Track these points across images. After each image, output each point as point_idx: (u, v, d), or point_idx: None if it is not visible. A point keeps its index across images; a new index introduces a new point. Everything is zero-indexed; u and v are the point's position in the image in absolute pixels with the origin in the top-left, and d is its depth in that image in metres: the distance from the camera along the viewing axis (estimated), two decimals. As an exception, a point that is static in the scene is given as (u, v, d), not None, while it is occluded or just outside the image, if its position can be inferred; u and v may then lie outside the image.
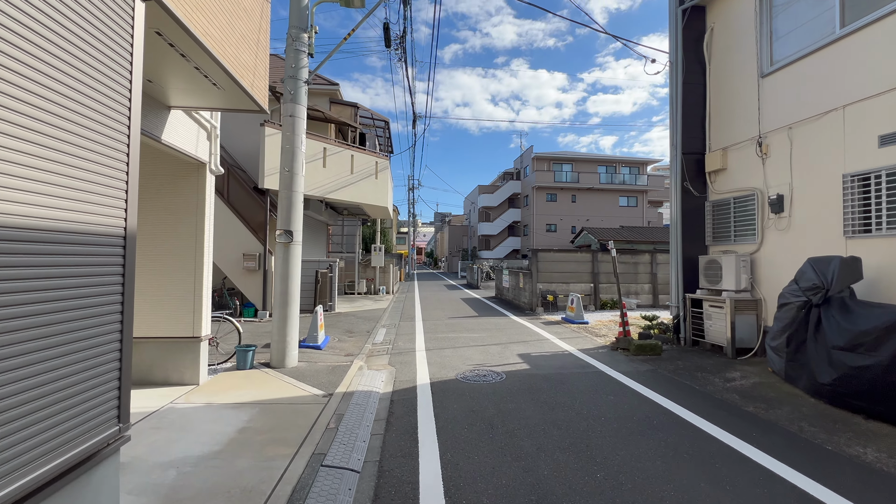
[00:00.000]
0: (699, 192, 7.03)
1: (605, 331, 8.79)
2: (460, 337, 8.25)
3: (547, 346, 7.39)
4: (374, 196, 13.27)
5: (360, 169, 12.76)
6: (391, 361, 6.43)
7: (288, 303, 5.70)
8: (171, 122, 4.20)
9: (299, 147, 5.87)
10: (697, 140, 7.11)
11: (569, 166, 38.88)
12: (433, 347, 7.34)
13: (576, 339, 7.89)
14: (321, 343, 7.16)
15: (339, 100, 12.83)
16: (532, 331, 8.91)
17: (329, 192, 11.81)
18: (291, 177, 5.80)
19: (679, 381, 5.15)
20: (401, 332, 9.01)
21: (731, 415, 4.04)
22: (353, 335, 8.43)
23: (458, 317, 11.14)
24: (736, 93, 6.58)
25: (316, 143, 11.43)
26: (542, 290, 11.99)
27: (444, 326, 9.55)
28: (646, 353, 6.39)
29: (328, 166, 11.79)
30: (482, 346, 7.43)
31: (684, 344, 6.91)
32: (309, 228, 14.50)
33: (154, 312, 4.73)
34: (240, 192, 10.69)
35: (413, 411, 4.24)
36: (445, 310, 12.63)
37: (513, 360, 6.30)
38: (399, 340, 8.08)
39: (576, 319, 9.74)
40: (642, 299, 12.58)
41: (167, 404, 4.18)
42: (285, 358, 5.64)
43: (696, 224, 7.08)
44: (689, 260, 6.96)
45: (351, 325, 9.65)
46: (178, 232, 4.80)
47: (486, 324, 9.89)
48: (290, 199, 5.79)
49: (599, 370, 5.70)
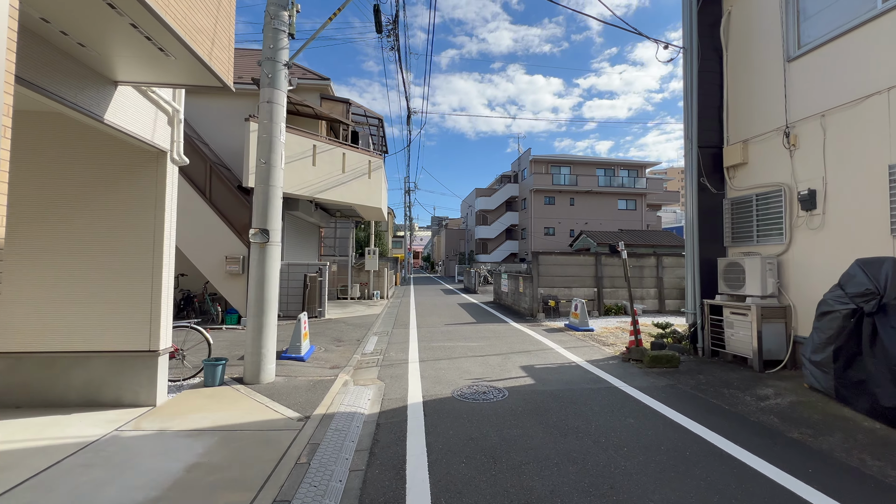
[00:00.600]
0: (717, 189, 6.46)
1: (612, 339, 8.19)
2: (457, 346, 7.63)
3: (551, 356, 6.78)
4: (367, 196, 12.67)
5: (352, 168, 12.17)
6: (381, 375, 5.80)
7: (264, 310, 5.08)
8: (120, 101, 3.59)
9: (278, 137, 5.27)
10: (714, 133, 6.56)
11: (567, 169, 38.44)
12: (427, 358, 6.72)
13: (582, 349, 7.28)
14: (305, 354, 6.52)
15: (330, 95, 12.26)
16: (534, 339, 8.30)
17: (319, 191, 11.20)
18: (269, 169, 5.20)
19: (705, 399, 4.55)
20: (393, 340, 8.38)
21: (774, 443, 3.44)
22: (341, 344, 7.79)
23: (454, 323, 10.52)
24: (757, 80, 6.04)
25: (305, 140, 10.84)
26: (544, 295, 11.40)
27: (439, 334, 8.92)
28: (661, 364, 5.80)
29: (318, 165, 11.19)
30: (481, 356, 6.82)
31: (702, 354, 6.31)
32: (299, 230, 13.89)
33: (103, 322, 4.10)
34: (223, 191, 10.07)
35: (402, 439, 3.62)
36: (442, 316, 12.01)
37: (515, 374, 5.68)
38: (391, 350, 7.45)
39: (580, 326, 9.14)
40: (648, 304, 12.01)
41: (111, 432, 3.54)
42: (260, 373, 5.01)
43: (714, 224, 6.51)
44: (707, 263, 6.38)
45: (340, 332, 9.01)
46: (132, 229, 4.18)
47: (485, 331, 9.28)
48: (267, 195, 5.18)
49: (613, 386, 5.09)
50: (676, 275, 12.28)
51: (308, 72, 12.39)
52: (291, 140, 10.55)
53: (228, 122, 10.79)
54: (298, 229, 13.84)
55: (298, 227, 13.73)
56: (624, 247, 6.46)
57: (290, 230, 12.71)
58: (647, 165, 39.92)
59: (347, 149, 12.01)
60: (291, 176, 10.57)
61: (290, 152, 10.52)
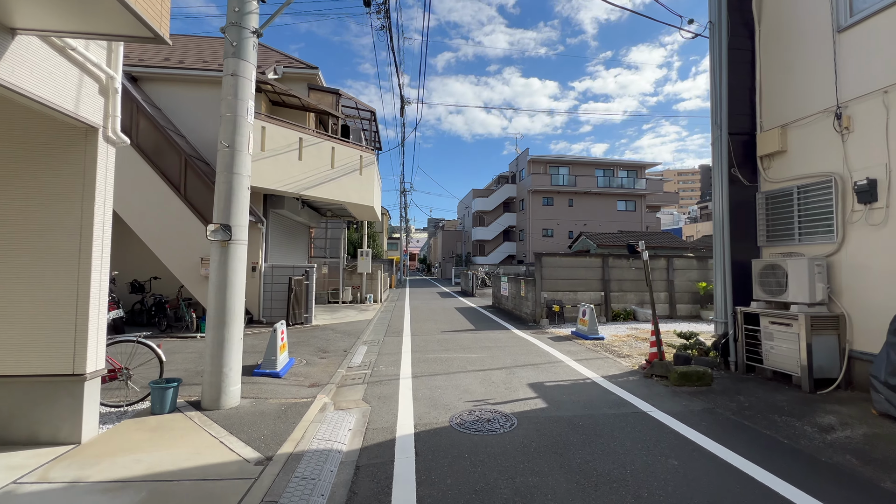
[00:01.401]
0: (749, 181, 5.71)
1: (626, 349, 7.41)
2: (455, 358, 6.82)
3: (562, 371, 5.99)
4: (359, 194, 11.86)
5: (343, 163, 11.36)
6: (367, 395, 4.99)
7: (226, 321, 4.26)
8: (22, 57, 2.78)
9: (244, 116, 4.46)
10: (744, 118, 5.82)
11: (565, 169, 37.78)
12: (422, 373, 5.91)
13: (595, 362, 6.50)
14: (281, 369, 5.70)
15: (318, 85, 11.46)
16: (540, 349, 7.50)
17: (306, 188, 10.38)
18: (232, 154, 4.38)
19: (755, 429, 3.77)
20: (385, 350, 7.57)
21: (869, 496, 2.67)
22: (326, 356, 6.97)
23: (452, 331, 9.72)
24: (797, 56, 5.30)
25: (290, 133, 10.02)
26: (548, 300, 10.62)
27: (435, 344, 8.12)
28: (691, 383, 5.02)
29: (305, 159, 10.39)
30: (482, 370, 6.02)
31: (735, 369, 5.54)
32: (286, 230, 13.06)
33: (11, 340, 3.27)
34: (200, 187, 9.23)
35: (386, 490, 2.81)
36: (438, 322, 11.20)
37: (523, 394, 4.89)
38: (381, 363, 6.64)
39: (589, 334, 8.36)
40: (659, 309, 11.23)
41: (7, 485, 2.71)
42: (221, 396, 4.19)
43: (746, 221, 5.76)
44: (739, 265, 5.62)
45: (327, 341, 8.19)
46: (51, 224, 3.36)
47: (486, 340, 8.48)
48: (231, 184, 4.37)
49: (640, 411, 4.30)
50: (688, 277, 11.54)
51: (294, 60, 11.59)
52: (275, 132, 9.75)
53: (208, 114, 9.96)
54: (286, 229, 13.01)
55: (285, 226, 12.91)
56: (644, 246, 5.69)
57: (275, 230, 11.88)
58: (646, 166, 39.34)
59: (337, 143, 11.21)
60: (275, 171, 9.76)
61: (273, 145, 9.72)
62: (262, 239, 10.39)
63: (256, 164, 9.45)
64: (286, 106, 11.45)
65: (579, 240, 32.98)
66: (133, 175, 8.73)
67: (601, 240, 30.33)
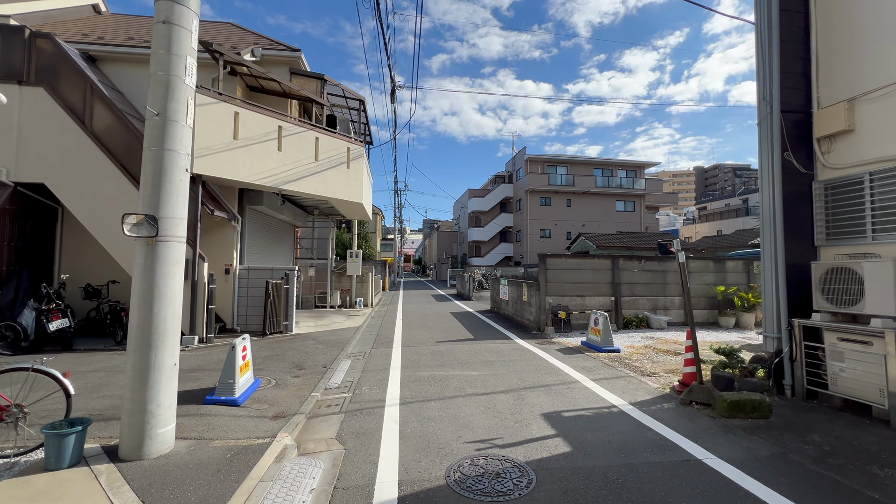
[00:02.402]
0: (804, 168, 4.77)
1: (648, 364, 6.46)
2: (452, 377, 5.83)
3: (581, 395, 5.02)
4: (346, 190, 10.84)
5: (328, 155, 10.35)
6: (343, 431, 3.99)
7: (152, 343, 3.23)
8: None
9: (180, 76, 3.45)
10: (796, 93, 4.88)
11: (563, 169, 36.93)
12: (412, 398, 4.91)
13: (617, 382, 5.53)
14: (241, 394, 4.68)
15: (301, 70, 10.44)
16: (550, 365, 6.53)
17: (285, 181, 9.35)
18: (164, 126, 3.37)
19: (857, 490, 2.81)
20: (371, 366, 6.56)
21: None
22: (301, 373, 5.96)
23: (448, 340, 8.72)
24: (867, 17, 4.38)
25: (266, 120, 9.00)
26: (553, 306, 9.66)
27: (429, 357, 7.11)
28: (745, 414, 4.06)
29: (285, 150, 9.36)
30: (485, 394, 5.03)
31: (792, 395, 4.59)
32: (268, 230, 12.02)
33: None
34: (163, 178, 8.18)
35: None
36: (432, 329, 10.20)
37: (538, 430, 3.91)
38: (365, 382, 5.63)
39: (603, 346, 7.40)
40: (672, 315, 10.33)
41: None
42: (144, 441, 3.17)
43: (800, 215, 4.82)
44: (795, 269, 4.68)
45: (305, 354, 7.17)
46: None
47: (486, 352, 7.49)
48: (160, 164, 3.35)
49: (693, 458, 3.32)
50: (704, 281, 10.62)
51: (275, 42, 10.56)
52: (250, 119, 8.72)
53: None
54: (267, 228, 11.96)
55: (266, 225, 11.86)
56: (679, 245, 4.73)
57: (253, 229, 10.83)
58: (645, 166, 38.60)
59: (321, 133, 10.19)
60: (251, 162, 8.73)
61: (249, 133, 8.69)
62: (236, 238, 9.35)
63: (229, 155, 8.42)
64: (265, 92, 10.41)
65: (578, 241, 32.14)
66: (85, 166, 7.68)
67: (601, 241, 29.48)
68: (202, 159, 7.92)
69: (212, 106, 8.07)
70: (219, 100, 8.18)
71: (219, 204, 9.01)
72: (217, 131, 8.15)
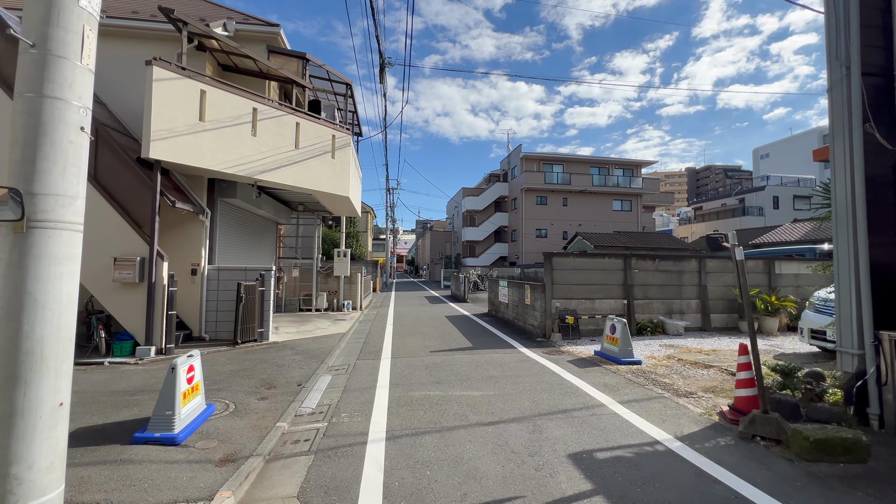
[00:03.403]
0: (891, 144, 3.86)
1: (678, 380, 5.53)
2: (450, 399, 4.84)
3: (610, 423, 4.06)
4: (331, 182, 9.82)
5: (310, 143, 9.32)
6: (308, 484, 2.99)
7: (21, 377, 2.20)
8: None
9: (72, -6, 2.43)
10: (877, 53, 3.97)
11: (559, 167, 36.17)
12: (402, 430, 3.93)
13: (650, 405, 4.58)
14: (183, 429, 3.67)
15: (279, 48, 9.39)
16: (565, 382, 5.57)
17: (261, 171, 8.31)
18: (43, 62, 2.34)
19: None
20: (354, 383, 5.56)
21: None
22: (270, 393, 4.95)
23: (444, 350, 7.73)
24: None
25: (239, 100, 7.95)
26: (560, 310, 8.72)
27: (422, 372, 6.12)
28: (833, 456, 3.13)
29: (260, 135, 8.32)
30: (492, 423, 4.06)
31: (880, 427, 3.67)
32: (246, 226, 10.94)
33: None
34: (115, 165, 7.11)
35: None
36: (426, 337, 9.21)
37: (568, 483, 2.94)
38: (345, 407, 4.63)
39: (622, 357, 6.47)
40: (689, 320, 9.44)
41: None
42: (5, 523, 2.14)
43: (884, 202, 3.90)
44: (881, 268, 3.76)
45: (279, 368, 6.14)
46: None
47: (488, 364, 6.52)
48: (40, 117, 2.33)
49: (795, 533, 2.38)
50: (722, 282, 9.76)
51: (250, 17, 9.50)
52: (219, 99, 7.67)
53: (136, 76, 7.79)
54: (244, 224, 10.89)
55: (243, 221, 10.78)
56: (734, 239, 3.80)
57: (227, 224, 9.77)
58: (642, 164, 37.99)
59: (303, 117, 9.16)
60: (220, 148, 7.68)
61: (218, 115, 7.64)
62: (204, 234, 8.28)
63: (194, 139, 7.36)
64: (240, 72, 9.36)
65: (575, 240, 31.34)
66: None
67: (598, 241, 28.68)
68: (161, 143, 6.86)
69: (173, 82, 7.02)
70: (181, 75, 7.12)
71: (184, 195, 7.94)
72: (180, 111, 7.09)
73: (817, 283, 10.15)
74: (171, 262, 7.80)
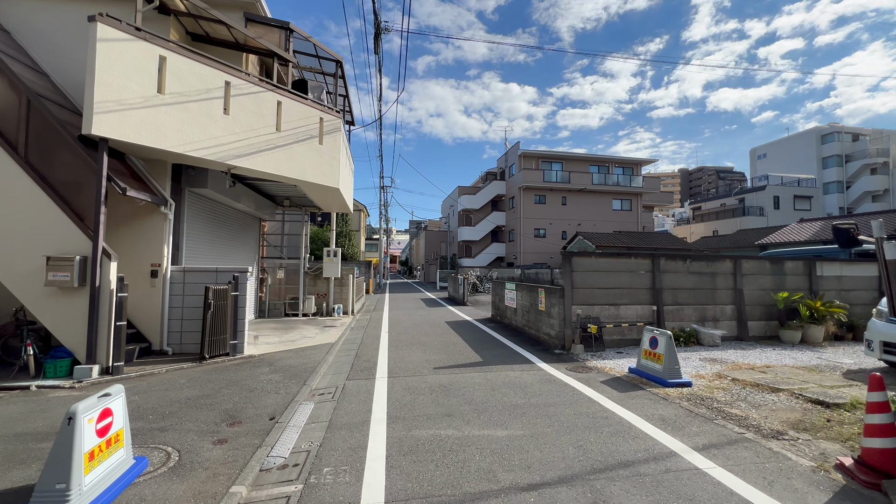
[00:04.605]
0: None
1: (749, 410, 4.42)
2: (468, 442, 3.67)
3: (696, 487, 2.92)
4: (319, 171, 8.62)
5: (294, 126, 8.11)
6: None
7: None
8: None
9: None
10: None
11: (559, 165, 35.17)
12: (408, 497, 2.76)
13: (735, 452, 3.45)
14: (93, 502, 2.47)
15: (259, 17, 8.18)
16: (610, 414, 4.43)
17: (236, 155, 7.09)
18: None
19: None
20: (342, 416, 4.37)
21: None
22: (231, 432, 3.76)
23: (450, 366, 6.57)
24: None
25: (209, 72, 6.73)
26: (582, 317, 7.59)
27: (428, 398, 4.95)
28: None
29: (234, 114, 7.10)
30: (533, 488, 2.91)
31: None
32: (220, 221, 9.70)
33: None
34: (53, 143, 5.86)
35: None
36: (427, 347, 8.03)
37: None
38: (328, 456, 3.45)
39: (667, 378, 5.35)
40: (724, 328, 8.37)
41: None
42: None
43: None
44: None
45: (249, 393, 4.94)
46: None
47: (507, 387, 5.36)
48: None
49: None
50: (758, 285, 8.71)
51: (226, -20, 8.25)
52: (184, 67, 6.45)
53: (81, 43, 6.53)
54: (221, 220, 9.63)
55: (219, 216, 9.53)
56: (881, 231, 2.69)
57: (199, 219, 8.52)
58: (642, 163, 37.16)
59: (285, 95, 7.95)
60: (185, 127, 6.46)
61: (182, 88, 6.43)
62: (167, 229, 7.04)
63: (152, 115, 6.11)
64: (212, 42, 8.12)
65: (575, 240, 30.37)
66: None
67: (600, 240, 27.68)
68: (109, 117, 5.62)
69: (124, 44, 5.78)
70: (135, 36, 5.89)
71: (141, 183, 6.70)
72: (133, 80, 5.86)
73: (862, 287, 9.15)
74: (125, 261, 6.56)
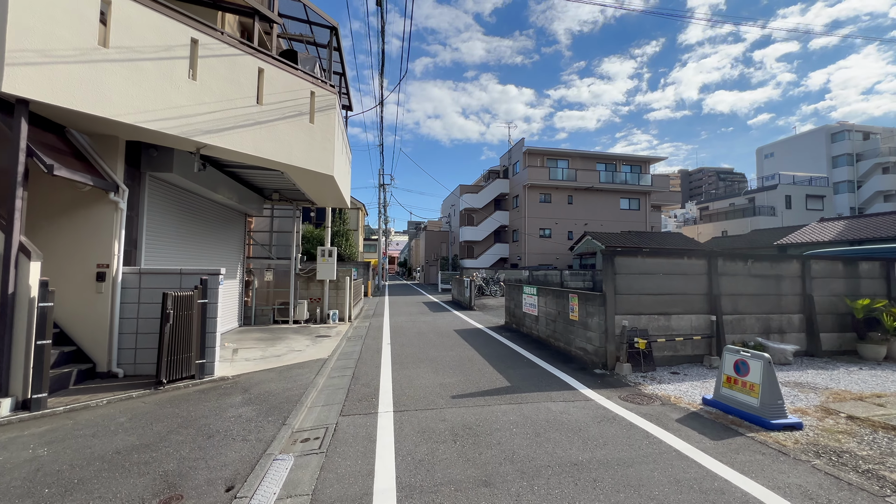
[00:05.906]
0: None
1: None
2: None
3: None
4: (309, 154, 7.26)
5: (280, 99, 6.76)
6: None
7: None
8: None
9: None
10: None
11: (564, 162, 33.87)
12: None
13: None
14: None
15: (237, -33, 6.86)
16: (722, 482, 3.08)
17: (205, 130, 5.74)
18: None
19: None
20: (330, 487, 3.00)
21: None
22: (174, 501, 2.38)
23: (471, 394, 5.20)
24: None
25: (170, 24, 5.37)
26: (628, 330, 6.25)
27: (451, 451, 3.58)
28: None
29: (203, 80, 5.75)
30: None
31: None
32: (195, 215, 8.32)
33: None
34: (-43, 107, 4.47)
35: None
36: (439, 366, 6.66)
37: None
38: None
39: (768, 417, 4.00)
40: (791, 340, 7.03)
41: None
42: None
43: None
44: None
45: (206, 441, 3.55)
46: None
47: (555, 430, 4.00)
48: None
49: None
50: (831, 290, 7.38)
51: (198, -77, 6.89)
52: (136, 16, 5.08)
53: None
54: (197, 214, 8.24)
55: (196, 209, 8.14)
56: None
57: (164, 210, 7.13)
58: (651, 160, 35.89)
59: (269, 62, 6.59)
60: (137, 91, 5.10)
61: (133, 42, 5.08)
62: (118, 222, 5.66)
63: (91, 72, 4.73)
64: None
65: (583, 241, 29.09)
66: None
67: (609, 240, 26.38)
68: (28, 69, 4.26)
69: (50, -24, 4.41)
70: (65, -32, 4.51)
71: (83, 163, 5.32)
72: (63, 25, 4.49)
73: (946, 292, 7.83)
74: (62, 261, 5.19)
